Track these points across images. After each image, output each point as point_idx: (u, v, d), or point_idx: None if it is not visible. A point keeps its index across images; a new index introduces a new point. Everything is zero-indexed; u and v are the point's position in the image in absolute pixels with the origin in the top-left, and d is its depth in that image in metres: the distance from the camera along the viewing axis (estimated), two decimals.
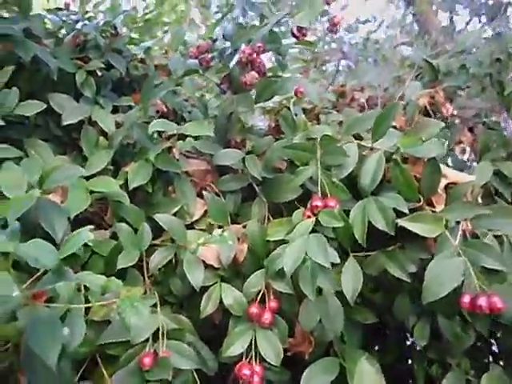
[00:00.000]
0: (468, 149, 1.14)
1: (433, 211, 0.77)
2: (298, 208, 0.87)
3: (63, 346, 0.61)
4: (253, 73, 0.81)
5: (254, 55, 0.80)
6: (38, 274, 0.65)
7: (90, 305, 0.72)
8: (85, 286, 0.77)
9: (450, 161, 1.02)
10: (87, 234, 0.61)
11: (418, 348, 1.02)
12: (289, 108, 1.02)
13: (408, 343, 1.10)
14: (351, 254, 0.80)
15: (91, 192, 0.83)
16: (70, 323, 0.67)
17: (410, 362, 1.11)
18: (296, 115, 0.99)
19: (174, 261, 0.87)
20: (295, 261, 0.70)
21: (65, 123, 0.91)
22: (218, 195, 0.94)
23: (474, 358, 0.98)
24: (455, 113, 1.16)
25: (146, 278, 0.86)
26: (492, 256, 0.65)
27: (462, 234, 0.70)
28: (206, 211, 0.94)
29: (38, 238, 0.62)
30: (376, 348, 1.12)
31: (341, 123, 1.07)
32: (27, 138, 0.91)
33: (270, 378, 0.90)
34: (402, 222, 0.72)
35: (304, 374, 0.84)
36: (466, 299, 0.65)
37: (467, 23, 1.95)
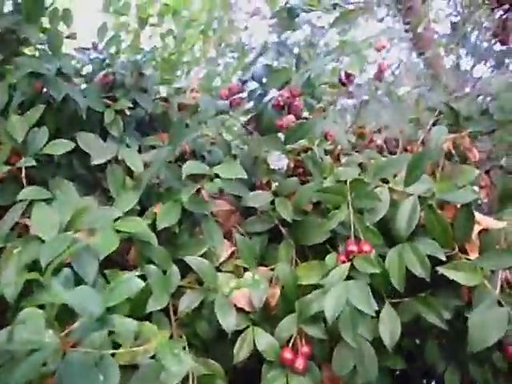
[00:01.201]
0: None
1: (467, 259, 0.77)
2: (324, 251, 0.87)
3: None
4: (290, 116, 0.82)
5: (292, 98, 0.81)
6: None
7: (122, 350, 0.70)
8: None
9: None
10: (138, 281, 0.59)
11: None
12: (312, 149, 1.04)
13: None
14: (387, 301, 0.79)
15: (118, 232, 0.82)
16: (103, 370, 0.64)
17: None
18: (321, 159, 1.00)
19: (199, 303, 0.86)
20: (336, 307, 0.69)
21: (94, 163, 0.91)
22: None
23: None
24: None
25: (173, 321, 0.85)
26: None
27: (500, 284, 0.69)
28: (231, 253, 0.93)
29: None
30: None
31: (360, 164, 1.08)
32: (52, 177, 0.91)
33: None
34: (442, 270, 0.72)
35: None
36: None
37: (472, 68, 2.00)
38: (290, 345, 0.81)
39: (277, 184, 1.01)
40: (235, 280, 0.84)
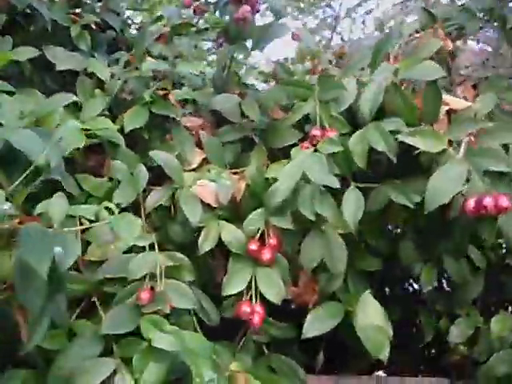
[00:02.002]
0: None
1: None
2: None
3: (56, 264, 0.60)
4: (246, 6, 0.81)
5: None
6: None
7: (83, 227, 0.70)
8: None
9: None
10: (76, 123, 0.59)
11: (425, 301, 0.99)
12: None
13: (415, 297, 1.07)
14: (352, 183, 0.77)
15: (87, 132, 0.81)
16: (62, 243, 0.65)
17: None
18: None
19: (172, 207, 0.85)
20: (291, 178, 0.68)
21: (59, 69, 0.90)
22: None
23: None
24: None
25: (144, 223, 0.84)
26: (496, 158, 0.63)
27: (466, 148, 0.67)
28: (203, 160, 0.92)
29: None
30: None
31: None
32: None
33: (274, 334, 0.87)
34: (402, 137, 0.70)
35: (307, 318, 0.81)
36: (471, 202, 0.62)
37: None
38: (257, 237, 0.80)
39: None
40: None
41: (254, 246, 0.78)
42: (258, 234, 0.80)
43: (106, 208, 0.70)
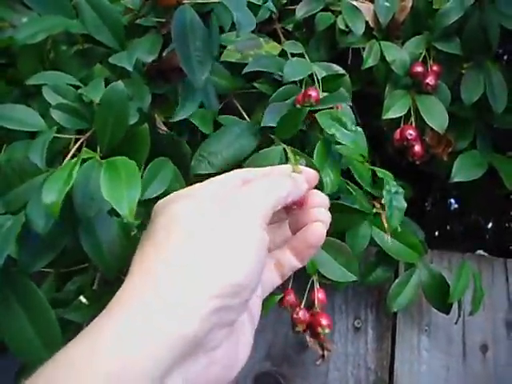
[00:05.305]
0: None
1: None
2: None
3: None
4: None
5: None
6: None
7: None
8: None
9: None
10: None
11: None
12: None
13: None
14: None
15: None
16: None
17: None
18: None
19: None
20: None
21: None
22: None
23: None
24: None
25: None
26: None
27: None
28: None
29: None
30: None
31: None
32: None
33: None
34: None
35: (455, 163, 0.75)
36: None
37: None
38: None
39: None
40: None
41: (419, 68, 0.70)
42: (420, 59, 0.72)
43: None
